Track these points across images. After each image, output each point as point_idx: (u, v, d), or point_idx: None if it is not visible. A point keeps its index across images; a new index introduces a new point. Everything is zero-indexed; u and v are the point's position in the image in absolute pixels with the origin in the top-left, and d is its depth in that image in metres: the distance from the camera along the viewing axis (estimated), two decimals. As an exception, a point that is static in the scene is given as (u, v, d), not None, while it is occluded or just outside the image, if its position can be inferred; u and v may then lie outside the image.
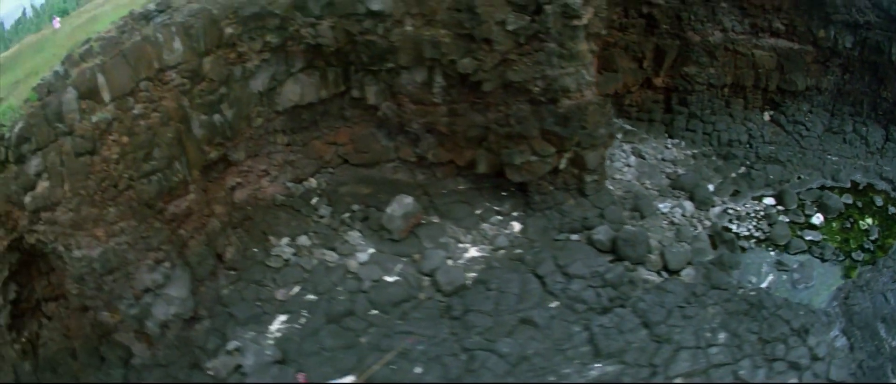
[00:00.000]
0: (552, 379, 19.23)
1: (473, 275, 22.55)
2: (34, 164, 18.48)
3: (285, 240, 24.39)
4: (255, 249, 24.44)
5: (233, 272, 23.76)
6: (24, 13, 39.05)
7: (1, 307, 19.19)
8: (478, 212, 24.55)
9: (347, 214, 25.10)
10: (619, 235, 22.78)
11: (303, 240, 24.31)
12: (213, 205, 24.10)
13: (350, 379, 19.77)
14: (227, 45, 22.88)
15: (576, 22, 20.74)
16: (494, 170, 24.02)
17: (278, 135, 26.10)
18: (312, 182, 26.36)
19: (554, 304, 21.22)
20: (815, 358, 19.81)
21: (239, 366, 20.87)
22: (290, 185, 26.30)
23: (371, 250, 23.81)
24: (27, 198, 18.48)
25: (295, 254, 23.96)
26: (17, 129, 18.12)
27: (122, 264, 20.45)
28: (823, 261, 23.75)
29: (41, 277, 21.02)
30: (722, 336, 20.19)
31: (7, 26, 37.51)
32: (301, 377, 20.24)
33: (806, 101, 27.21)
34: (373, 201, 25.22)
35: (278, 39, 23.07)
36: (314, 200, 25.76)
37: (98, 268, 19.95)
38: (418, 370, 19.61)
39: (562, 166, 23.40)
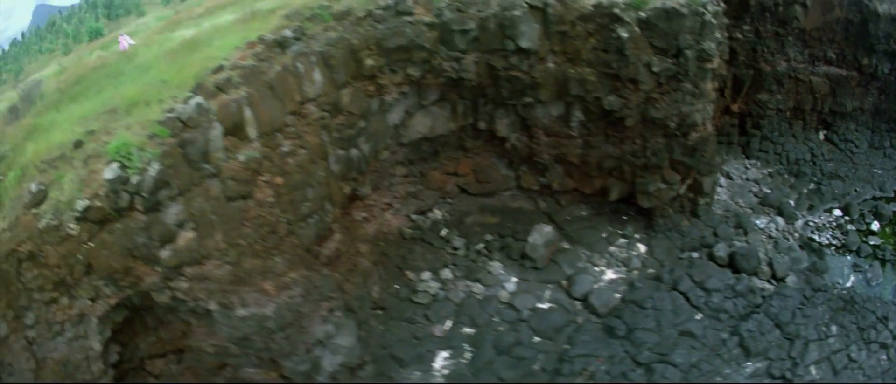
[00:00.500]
0: (718, 379, 24.54)
1: (619, 295, 27.23)
2: (174, 212, 17.89)
3: (427, 274, 27.58)
4: (397, 286, 27.45)
5: (380, 311, 26.59)
6: (23, 35, 38.26)
7: (102, 373, 18.33)
8: (603, 236, 29.30)
9: (482, 245, 28.79)
10: (735, 251, 28.57)
11: (446, 273, 27.66)
12: (356, 243, 26.81)
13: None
14: (366, 77, 25.69)
15: (708, 65, 26.13)
16: (623, 196, 28.88)
17: (398, 166, 29.22)
18: (437, 213, 29.72)
19: (699, 317, 26.50)
20: (895, 338, 26.81)
21: (426, 409, 23.90)
22: (414, 217, 29.48)
23: (514, 279, 27.71)
24: (164, 253, 17.88)
25: (441, 288, 27.26)
26: (153, 172, 17.25)
27: (297, 318, 21.12)
28: (884, 261, 31.19)
29: (147, 334, 20.89)
30: (834, 328, 26.51)
31: None
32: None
33: (852, 121, 35.01)
34: (505, 231, 29.14)
35: (419, 72, 26.28)
36: (444, 232, 29.14)
37: (272, 326, 20.31)
38: (607, 387, 24.03)
39: (682, 191, 28.76)
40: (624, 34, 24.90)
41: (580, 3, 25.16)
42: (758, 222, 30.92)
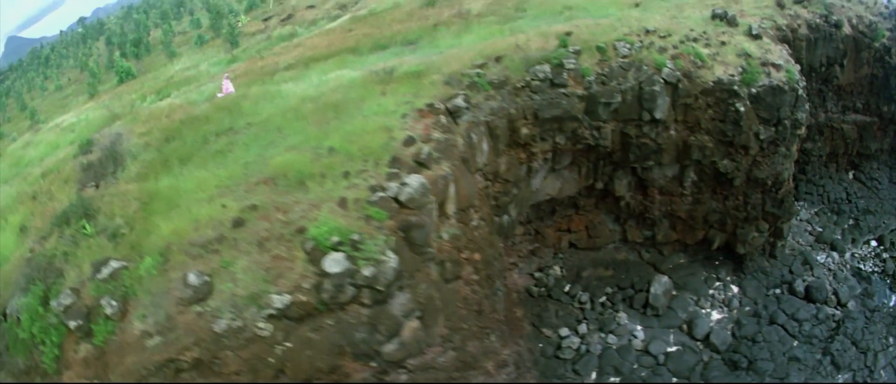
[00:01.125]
0: (827, 393, 33.37)
1: (729, 332, 35.17)
2: (401, 302, 18.16)
3: (565, 330, 33.97)
4: (541, 344, 33.58)
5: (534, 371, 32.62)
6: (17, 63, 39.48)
7: None
8: (702, 280, 37.19)
9: (604, 297, 35.59)
10: (809, 284, 37.64)
11: (582, 328, 34.19)
12: (512, 307, 32.59)
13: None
14: (519, 146, 31.60)
15: (798, 131, 34.78)
16: (722, 245, 36.92)
17: (518, 226, 35.29)
18: (556, 269, 36.07)
19: (796, 343, 35.13)
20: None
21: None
22: (537, 274, 35.67)
23: (639, 327, 34.82)
24: (389, 347, 17.97)
25: (582, 343, 33.74)
26: (393, 263, 17.61)
27: (511, 395, 23.43)
28: (914, 283, 41.93)
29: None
30: (891, 339, 36.35)
31: None
32: None
33: (875, 161, 45.77)
34: (622, 283, 36.22)
35: (564, 140, 32.57)
36: (567, 287, 35.60)
37: (499, 408, 21.94)
38: (746, 416, 31.90)
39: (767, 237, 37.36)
40: (741, 107, 32.75)
41: (703, 80, 32.68)
42: (819, 258, 40.36)
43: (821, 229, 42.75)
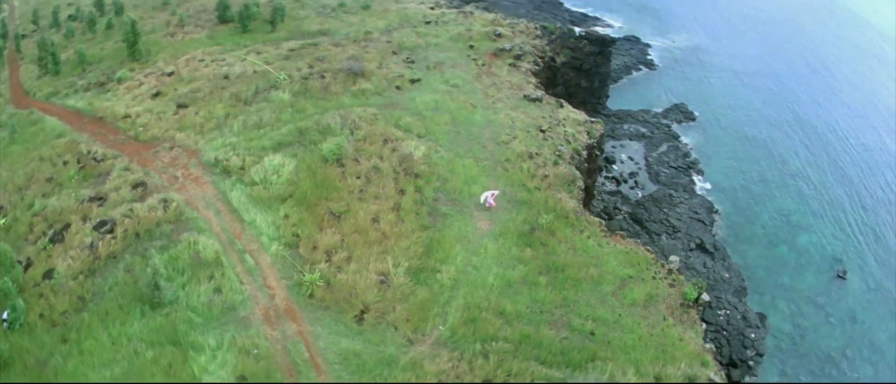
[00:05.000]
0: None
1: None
2: None
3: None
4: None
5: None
6: None
7: None
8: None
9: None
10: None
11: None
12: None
13: None
14: None
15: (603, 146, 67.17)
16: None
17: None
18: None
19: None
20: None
21: None
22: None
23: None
24: None
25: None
26: None
27: None
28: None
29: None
30: (667, 209, 75.62)
31: None
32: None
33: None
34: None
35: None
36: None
37: None
38: None
39: (590, 195, 70.34)
40: (597, 152, 62.65)
41: (583, 146, 60.96)
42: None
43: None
